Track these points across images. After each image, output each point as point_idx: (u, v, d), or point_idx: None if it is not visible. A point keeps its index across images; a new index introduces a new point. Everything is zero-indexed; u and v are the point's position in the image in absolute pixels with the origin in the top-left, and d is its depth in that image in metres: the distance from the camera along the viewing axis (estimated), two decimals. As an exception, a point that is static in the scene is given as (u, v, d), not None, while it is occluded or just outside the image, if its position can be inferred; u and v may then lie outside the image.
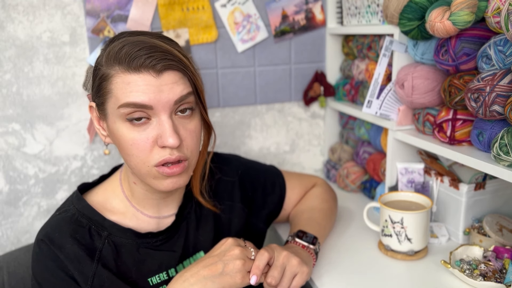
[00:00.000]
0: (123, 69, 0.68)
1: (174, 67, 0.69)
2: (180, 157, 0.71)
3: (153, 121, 0.69)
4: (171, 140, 0.68)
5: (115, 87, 0.68)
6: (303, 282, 0.79)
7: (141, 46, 0.68)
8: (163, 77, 0.68)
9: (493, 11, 0.77)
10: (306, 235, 0.88)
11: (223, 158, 0.96)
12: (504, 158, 0.74)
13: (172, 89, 0.68)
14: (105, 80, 0.70)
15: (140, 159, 0.70)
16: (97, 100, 0.73)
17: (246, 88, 1.29)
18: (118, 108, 0.69)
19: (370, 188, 1.24)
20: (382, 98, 1.04)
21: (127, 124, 0.69)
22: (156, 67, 0.67)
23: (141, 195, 0.80)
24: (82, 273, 0.72)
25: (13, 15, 1.05)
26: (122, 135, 0.70)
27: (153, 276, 0.79)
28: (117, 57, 0.68)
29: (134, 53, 0.67)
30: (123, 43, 0.69)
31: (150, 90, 0.67)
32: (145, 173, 0.72)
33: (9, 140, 1.11)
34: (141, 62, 0.67)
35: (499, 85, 0.75)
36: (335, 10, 1.29)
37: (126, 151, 0.71)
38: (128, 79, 0.67)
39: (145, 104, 0.67)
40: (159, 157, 0.70)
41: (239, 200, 0.93)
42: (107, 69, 0.69)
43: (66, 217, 0.76)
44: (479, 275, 0.82)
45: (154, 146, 0.70)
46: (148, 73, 0.67)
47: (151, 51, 0.67)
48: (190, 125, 0.73)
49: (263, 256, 0.74)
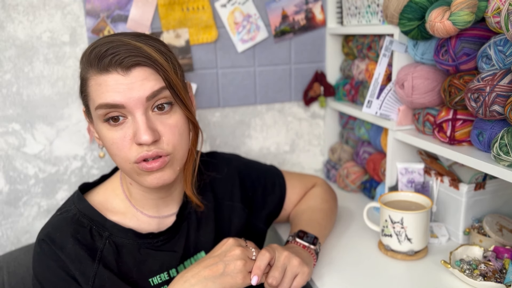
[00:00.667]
0: (94, 71, 0.69)
1: (142, 63, 0.68)
2: (158, 152, 0.70)
3: (129, 119, 0.70)
4: (145, 137, 0.68)
5: (91, 89, 0.70)
6: (304, 283, 0.79)
7: (108, 46, 0.68)
8: (132, 75, 0.68)
9: (493, 11, 0.77)
10: (307, 235, 0.88)
11: (223, 157, 0.96)
12: (504, 158, 0.74)
13: (142, 86, 0.68)
14: (84, 84, 0.72)
15: (121, 158, 0.71)
16: (84, 104, 0.75)
17: (246, 88, 1.29)
18: (95, 110, 0.70)
19: (370, 188, 1.24)
20: (382, 98, 1.04)
21: (106, 124, 0.71)
22: (122, 64, 0.67)
23: (138, 196, 0.80)
24: (83, 274, 0.72)
25: (13, 15, 1.05)
26: (103, 135, 0.72)
27: (154, 276, 0.79)
28: (89, 60, 0.69)
29: (101, 54, 0.67)
30: (94, 45, 0.70)
31: (120, 88, 0.67)
32: (129, 171, 0.73)
33: (9, 140, 1.11)
34: (107, 61, 0.67)
35: (499, 85, 0.75)
36: (335, 10, 1.29)
37: (109, 151, 0.73)
38: (100, 80, 0.68)
39: (117, 103, 0.68)
40: (137, 153, 0.70)
41: (239, 200, 0.92)
42: (83, 72, 0.71)
43: (67, 217, 0.76)
44: (479, 275, 0.82)
45: (132, 143, 0.70)
46: (116, 72, 0.67)
47: (117, 50, 0.67)
48: (170, 120, 0.72)
49: (264, 257, 0.74)
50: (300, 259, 0.78)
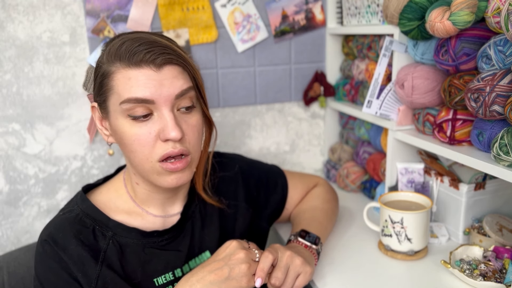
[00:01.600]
0: (124, 65, 0.68)
1: (174, 61, 0.70)
2: (182, 150, 0.71)
3: (155, 116, 0.70)
4: (174, 133, 0.68)
5: (116, 83, 0.69)
6: (306, 282, 0.79)
7: (141, 41, 0.69)
8: (163, 72, 0.69)
9: (493, 11, 0.77)
10: (309, 235, 0.88)
11: (226, 157, 0.97)
12: (504, 158, 0.74)
13: (172, 84, 0.69)
14: (106, 77, 0.70)
15: (143, 155, 0.71)
16: (99, 99, 0.73)
17: (246, 88, 1.29)
18: (120, 104, 0.69)
19: (370, 188, 1.24)
20: (382, 98, 1.04)
21: (129, 120, 0.70)
22: (156, 61, 0.68)
23: (144, 195, 0.80)
24: (86, 275, 0.72)
25: (13, 15, 1.05)
26: (124, 131, 0.70)
27: (159, 276, 0.78)
28: (118, 54, 0.69)
29: (134, 49, 0.68)
30: (123, 40, 0.70)
31: (151, 84, 0.68)
32: (149, 170, 0.72)
33: (9, 140, 1.11)
34: (141, 57, 0.68)
35: (499, 85, 0.75)
36: (335, 10, 1.29)
37: (129, 147, 0.71)
38: (129, 74, 0.68)
39: (147, 98, 0.68)
40: (162, 151, 0.70)
41: (243, 199, 0.93)
42: (108, 66, 0.70)
43: (70, 217, 0.76)
44: (479, 275, 0.82)
45: (156, 140, 0.70)
46: (148, 67, 0.68)
47: (151, 46, 0.68)
48: (192, 120, 0.73)
49: (267, 259, 0.75)
50: (303, 258, 0.78)
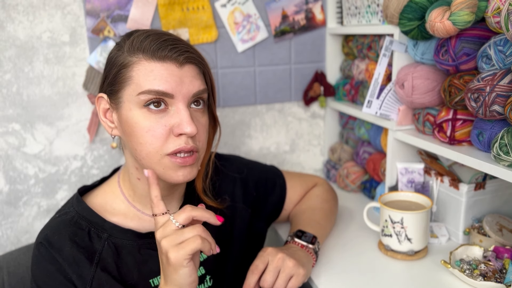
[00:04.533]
0: (147, 57, 0.70)
1: (195, 61, 0.73)
2: (193, 147, 0.72)
3: (171, 110, 0.71)
4: (189, 128, 0.69)
5: (137, 74, 0.70)
6: (299, 284, 0.79)
7: (166, 37, 0.72)
8: (184, 69, 0.71)
9: (493, 11, 0.77)
10: (305, 235, 0.88)
11: (224, 158, 0.96)
12: (504, 158, 0.74)
13: (192, 82, 0.72)
14: (125, 68, 0.71)
15: (153, 147, 0.71)
16: (111, 89, 0.73)
17: (246, 88, 1.29)
18: (138, 95, 0.70)
19: (370, 188, 1.24)
20: (382, 98, 1.04)
21: (144, 110, 0.70)
22: (179, 58, 0.70)
23: (144, 192, 0.79)
24: (81, 277, 0.72)
25: (13, 15, 1.05)
26: (137, 121, 0.71)
27: (155, 277, 0.78)
28: (142, 46, 0.71)
29: (159, 43, 0.70)
30: (148, 34, 0.72)
31: (172, 79, 0.70)
32: (156, 163, 0.72)
33: (9, 140, 1.11)
34: (166, 52, 0.70)
35: (499, 85, 0.75)
36: (335, 10, 1.29)
37: (139, 139, 0.71)
38: (152, 67, 0.70)
39: (167, 92, 0.69)
40: (174, 145, 0.70)
41: (241, 200, 0.92)
42: (128, 57, 0.71)
43: (65, 219, 0.76)
44: (479, 275, 0.82)
45: (169, 134, 0.71)
46: (171, 63, 0.70)
47: (176, 43, 0.71)
48: (202, 119, 0.75)
49: (253, 274, 0.79)
50: (295, 260, 0.79)
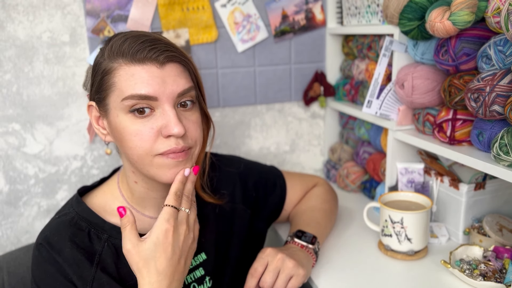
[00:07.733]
0: (127, 61, 0.69)
1: (177, 59, 0.71)
2: (184, 147, 0.71)
3: (157, 112, 0.70)
4: (177, 129, 0.68)
5: (119, 79, 0.69)
6: (299, 284, 0.79)
7: (144, 39, 0.70)
8: (166, 69, 0.69)
9: (493, 11, 0.77)
10: (305, 235, 0.88)
11: (224, 158, 0.96)
12: (504, 158, 0.74)
13: (175, 81, 0.70)
14: (108, 74, 0.70)
15: (143, 150, 0.70)
16: (98, 96, 0.73)
17: (246, 88, 1.29)
18: (122, 101, 0.69)
19: (370, 188, 1.24)
20: (382, 98, 1.04)
21: (130, 116, 0.70)
22: (159, 58, 0.68)
23: (142, 194, 0.80)
24: (81, 278, 0.72)
25: (13, 15, 1.05)
26: (125, 127, 0.70)
27: None
28: (120, 50, 0.69)
29: (137, 45, 0.68)
30: (126, 37, 0.71)
31: (154, 81, 0.68)
32: (148, 164, 0.71)
33: (9, 140, 1.11)
34: (145, 53, 0.68)
35: (499, 85, 0.75)
36: (335, 10, 1.29)
37: (128, 143, 0.71)
38: (132, 71, 0.68)
39: (150, 95, 0.68)
40: (164, 147, 0.70)
41: (240, 201, 0.92)
42: (109, 63, 0.70)
43: (65, 220, 0.76)
44: (479, 275, 0.82)
45: (158, 136, 0.70)
46: (152, 64, 0.68)
47: (154, 43, 0.69)
48: (193, 117, 0.74)
49: (252, 278, 0.79)
50: (295, 261, 0.79)
